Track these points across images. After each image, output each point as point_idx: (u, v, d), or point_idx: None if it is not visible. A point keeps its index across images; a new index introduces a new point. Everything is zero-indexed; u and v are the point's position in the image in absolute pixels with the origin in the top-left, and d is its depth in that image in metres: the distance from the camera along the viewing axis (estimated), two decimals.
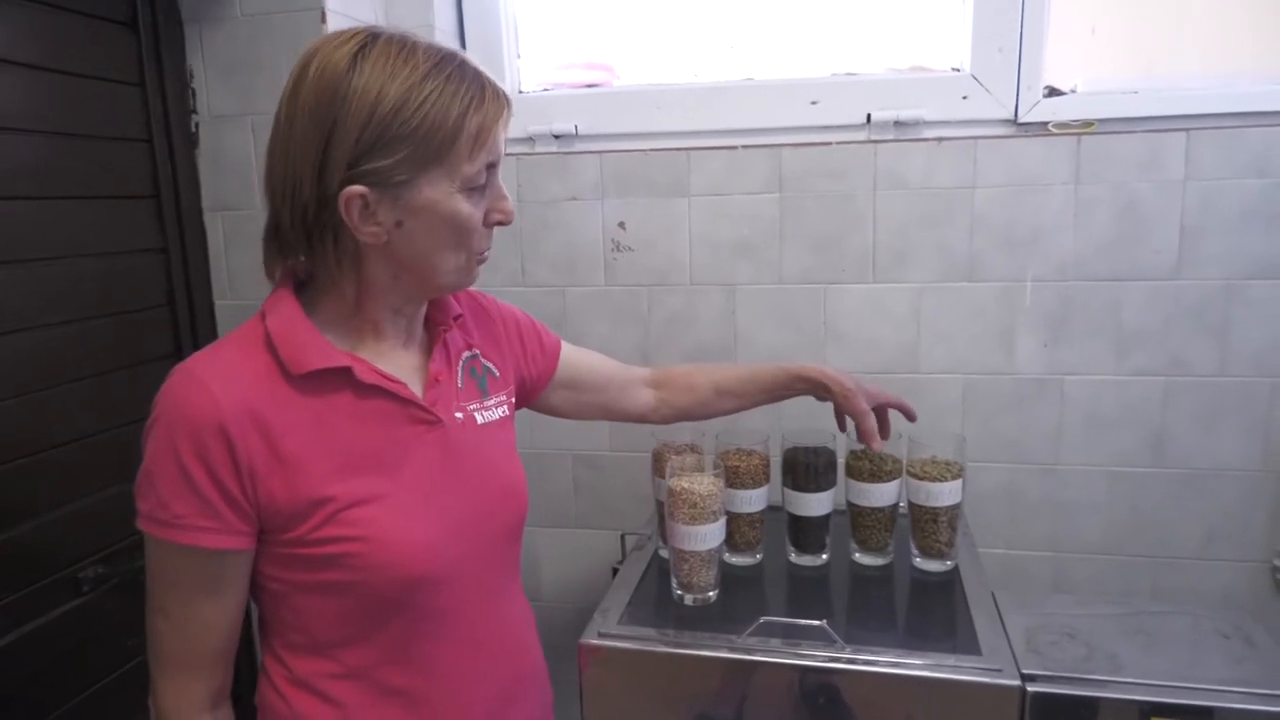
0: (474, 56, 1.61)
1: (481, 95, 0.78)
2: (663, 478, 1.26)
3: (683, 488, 1.16)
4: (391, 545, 0.81)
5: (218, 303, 1.50)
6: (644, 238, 1.57)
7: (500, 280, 1.62)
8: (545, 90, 1.66)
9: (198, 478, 0.75)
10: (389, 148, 0.75)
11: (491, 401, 0.95)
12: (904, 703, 1.03)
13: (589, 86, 1.65)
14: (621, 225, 1.57)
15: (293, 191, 0.78)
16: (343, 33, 0.78)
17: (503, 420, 0.97)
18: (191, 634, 0.80)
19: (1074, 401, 1.48)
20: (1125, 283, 1.43)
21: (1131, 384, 1.45)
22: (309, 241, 0.80)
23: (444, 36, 1.58)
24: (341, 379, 0.81)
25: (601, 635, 1.13)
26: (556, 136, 1.62)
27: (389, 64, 0.75)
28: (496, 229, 0.86)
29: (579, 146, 1.61)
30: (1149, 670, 1.03)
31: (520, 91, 1.66)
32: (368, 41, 0.76)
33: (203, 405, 0.75)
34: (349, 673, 0.84)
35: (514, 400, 1.01)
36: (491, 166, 0.81)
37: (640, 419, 1.23)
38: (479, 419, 0.93)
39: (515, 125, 1.63)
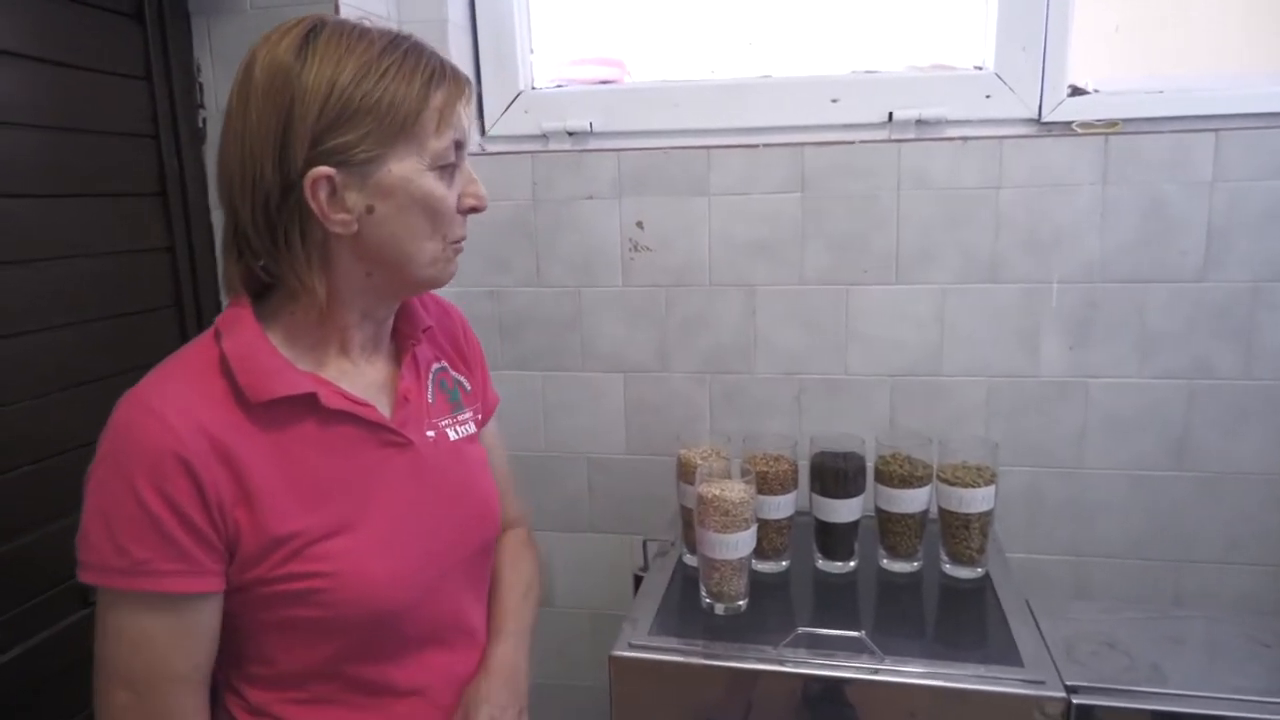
0: (485, 49, 1.57)
1: (442, 71, 0.76)
2: (689, 484, 1.23)
3: (714, 495, 1.13)
4: (361, 580, 0.76)
5: (225, 303, 1.45)
6: (662, 237, 1.54)
7: (514, 281, 1.59)
8: (559, 86, 1.63)
9: (161, 515, 0.69)
10: (352, 122, 0.71)
11: (465, 415, 0.91)
12: (945, 715, 1.01)
13: (601, 83, 1.62)
14: (639, 225, 1.54)
15: (253, 181, 0.72)
16: (286, 23, 0.75)
17: (475, 434, 0.93)
18: (159, 700, 0.73)
19: (1097, 404, 1.46)
20: (1150, 284, 1.41)
21: (1155, 387, 1.44)
22: (273, 237, 0.74)
23: (456, 30, 1.54)
24: (305, 405, 0.76)
25: (633, 646, 1.10)
26: (570, 134, 1.58)
27: (342, 41, 0.73)
28: (482, 213, 0.82)
29: (594, 144, 1.58)
30: (1194, 681, 1.02)
31: (533, 88, 1.63)
32: (315, 26, 0.74)
33: (158, 436, 0.69)
34: (313, 699, 0.80)
35: (481, 417, 0.97)
36: (459, 147, 0.78)
37: None
38: (451, 435, 0.88)
39: (528, 122, 1.60)
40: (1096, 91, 1.46)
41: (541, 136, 1.59)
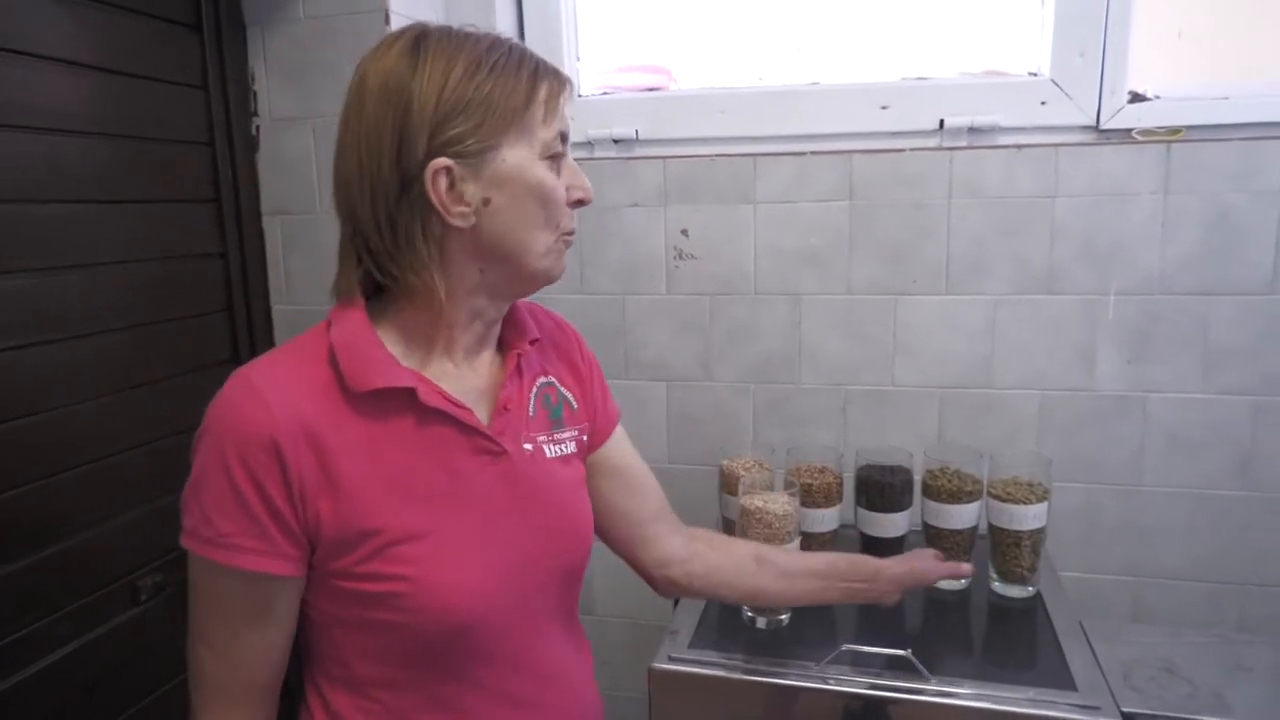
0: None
1: (545, 66, 0.79)
2: (732, 495, 1.22)
3: (757, 507, 1.11)
4: (440, 588, 0.76)
5: (275, 308, 1.48)
6: (708, 245, 1.53)
7: (559, 288, 1.56)
8: (605, 94, 1.63)
9: (247, 494, 0.71)
10: (466, 114, 0.73)
11: (566, 434, 0.89)
12: None
13: (647, 90, 1.62)
14: (684, 232, 1.53)
15: (372, 181, 0.75)
16: (389, 36, 0.78)
17: (573, 455, 0.90)
18: (235, 663, 0.76)
19: (1157, 421, 1.41)
20: (1215, 297, 1.36)
21: (1220, 403, 1.39)
22: (394, 235, 0.76)
23: None
24: (404, 400, 0.77)
25: (673, 659, 1.09)
26: (616, 141, 1.58)
27: (450, 42, 0.75)
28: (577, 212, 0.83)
29: (640, 151, 1.57)
30: (1261, 711, 0.97)
31: (579, 95, 1.63)
32: (421, 34, 0.76)
33: (255, 416, 0.71)
34: (388, 712, 0.80)
35: (587, 438, 0.94)
36: (564, 139, 0.80)
37: (659, 564, 1.00)
38: (548, 452, 0.87)
39: (574, 129, 1.60)
40: (1158, 98, 1.41)
41: (587, 144, 1.60)
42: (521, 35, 1.61)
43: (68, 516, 1.13)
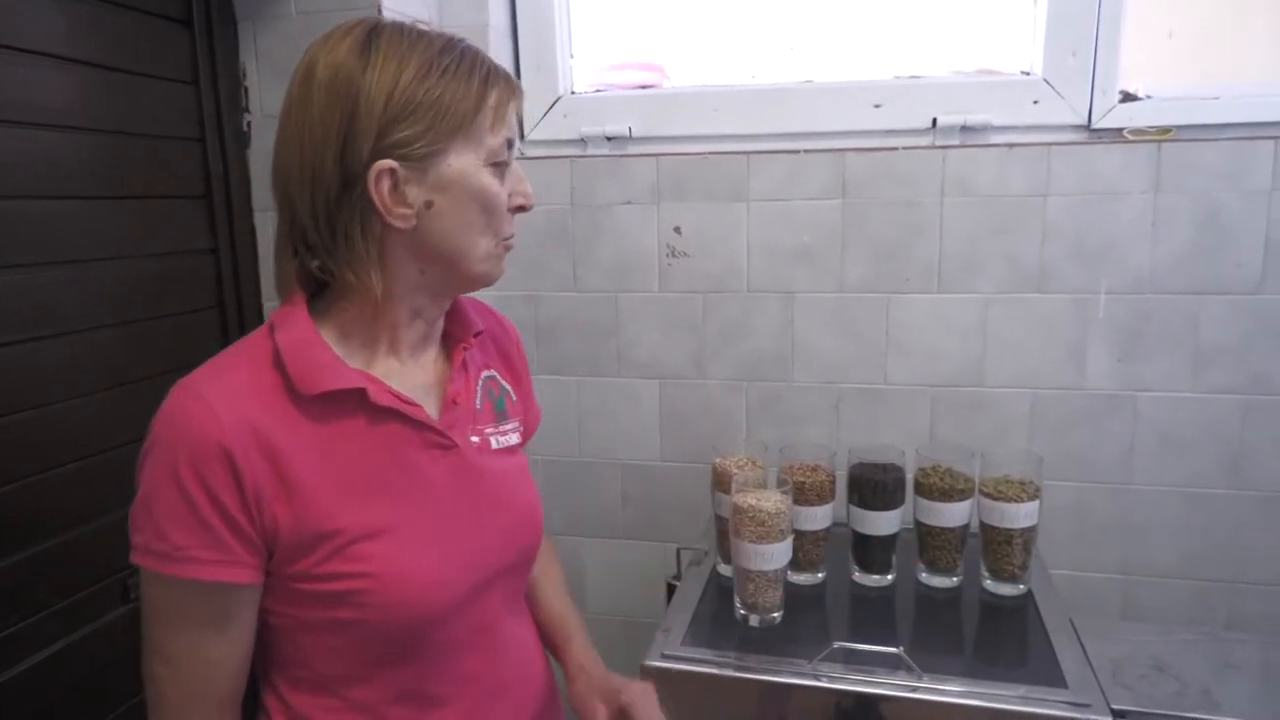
0: (526, 54, 1.59)
1: (496, 72, 0.78)
2: (725, 493, 1.22)
3: (749, 505, 1.11)
4: (402, 583, 0.76)
5: (266, 304, 1.47)
6: (700, 243, 1.53)
7: (551, 285, 1.59)
8: (598, 91, 1.63)
9: (200, 503, 0.70)
10: (415, 117, 0.72)
11: (509, 426, 0.91)
12: None
13: (640, 88, 1.62)
14: (677, 230, 1.53)
15: (313, 175, 0.73)
16: (343, 26, 0.76)
17: (516, 446, 0.92)
18: (195, 677, 0.75)
19: (1148, 419, 1.42)
20: (1205, 296, 1.37)
21: (1209, 401, 1.39)
22: (332, 232, 0.74)
23: (497, 34, 1.55)
24: (354, 400, 0.76)
25: (665, 656, 1.09)
26: (609, 138, 1.58)
27: (403, 41, 0.74)
28: (520, 217, 0.83)
29: (633, 149, 1.57)
30: (1248, 708, 0.98)
31: (573, 92, 1.63)
32: (375, 28, 0.75)
33: (203, 424, 0.70)
34: (354, 708, 0.80)
35: (525, 430, 0.96)
36: (510, 146, 0.79)
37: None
38: (494, 443, 0.88)
39: (567, 126, 1.60)
40: (1149, 97, 1.42)
41: (580, 141, 1.59)
42: (514, 33, 1.61)
43: (57, 513, 1.12)
